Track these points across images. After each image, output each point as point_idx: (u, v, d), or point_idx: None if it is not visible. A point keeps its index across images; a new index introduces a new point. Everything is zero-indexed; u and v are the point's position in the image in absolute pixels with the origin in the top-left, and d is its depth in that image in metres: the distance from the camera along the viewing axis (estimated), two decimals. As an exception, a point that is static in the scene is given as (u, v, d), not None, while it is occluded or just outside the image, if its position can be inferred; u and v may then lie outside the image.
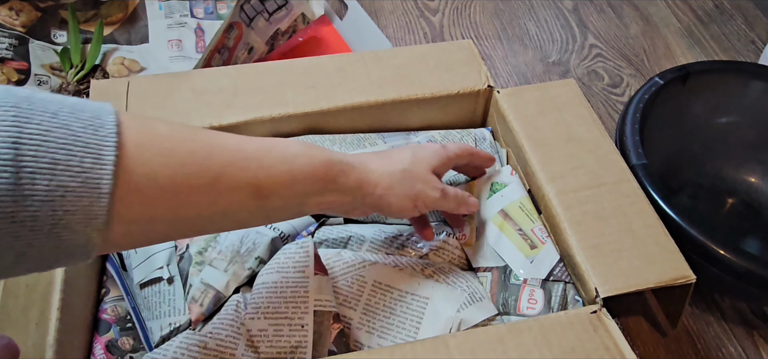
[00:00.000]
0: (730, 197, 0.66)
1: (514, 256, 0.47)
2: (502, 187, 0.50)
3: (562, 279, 0.45)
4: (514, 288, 0.45)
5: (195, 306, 0.44)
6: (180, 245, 0.46)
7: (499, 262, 0.47)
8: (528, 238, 0.47)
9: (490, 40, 0.87)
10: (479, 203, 0.49)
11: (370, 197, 0.40)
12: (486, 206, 0.50)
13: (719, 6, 0.95)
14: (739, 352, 0.56)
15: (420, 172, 0.43)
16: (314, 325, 0.42)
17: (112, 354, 0.43)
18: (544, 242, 0.47)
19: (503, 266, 0.47)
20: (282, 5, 0.73)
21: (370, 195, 0.40)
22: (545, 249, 0.47)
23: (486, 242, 0.48)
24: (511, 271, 0.46)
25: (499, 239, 0.48)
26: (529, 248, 0.47)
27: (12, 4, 0.67)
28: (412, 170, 0.42)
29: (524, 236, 0.47)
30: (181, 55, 0.71)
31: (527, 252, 0.47)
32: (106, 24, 0.71)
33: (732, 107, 0.65)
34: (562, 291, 0.45)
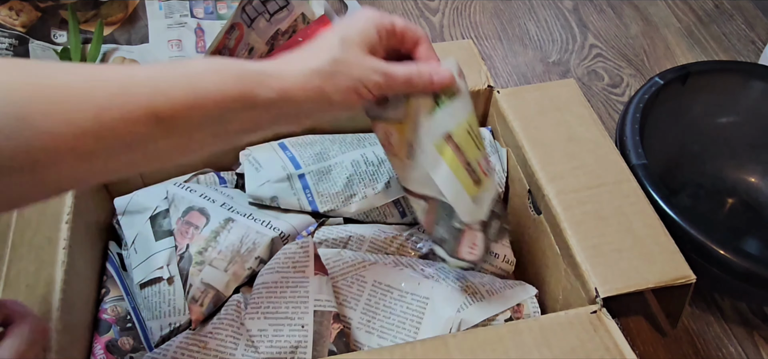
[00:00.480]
0: (730, 197, 0.66)
1: (459, 196, 0.40)
2: (449, 101, 0.40)
3: (498, 215, 0.43)
4: (455, 231, 0.41)
5: (195, 306, 0.44)
6: (180, 245, 0.46)
7: (438, 195, 0.41)
8: (474, 172, 0.41)
9: (490, 40, 0.87)
10: (418, 120, 0.40)
11: (303, 103, 0.35)
12: (427, 124, 0.40)
13: (719, 6, 0.95)
14: (739, 352, 0.56)
15: (354, 58, 0.37)
16: (314, 325, 0.42)
17: (112, 354, 0.43)
18: (487, 174, 0.42)
19: (443, 202, 0.41)
20: (283, 6, 0.73)
21: (303, 101, 0.35)
22: (487, 184, 0.42)
23: (421, 165, 0.41)
24: (454, 213, 0.41)
25: (439, 168, 0.40)
26: (473, 185, 0.41)
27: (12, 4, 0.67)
28: (343, 57, 0.36)
29: (470, 171, 0.41)
30: (181, 55, 0.71)
31: (472, 190, 0.41)
32: (106, 24, 0.71)
33: (732, 107, 0.65)
34: (498, 228, 0.43)
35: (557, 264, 0.48)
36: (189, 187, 0.49)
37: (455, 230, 0.41)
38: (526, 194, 0.52)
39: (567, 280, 0.46)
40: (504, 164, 0.55)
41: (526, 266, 0.54)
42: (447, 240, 0.42)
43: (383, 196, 0.51)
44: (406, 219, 0.52)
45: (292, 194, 0.50)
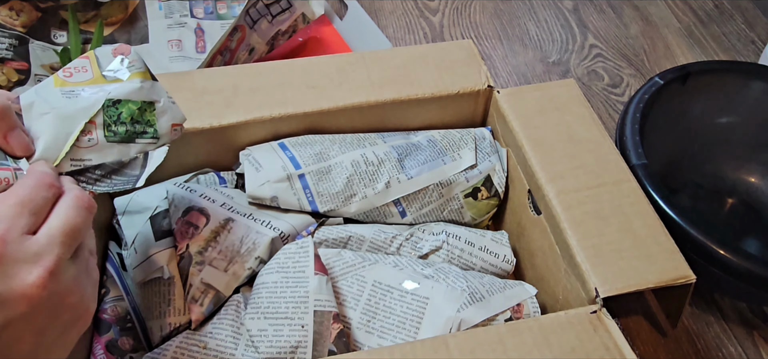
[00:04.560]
0: (730, 197, 0.66)
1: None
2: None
3: None
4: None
5: (195, 306, 0.44)
6: (180, 245, 0.46)
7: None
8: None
9: (490, 40, 0.87)
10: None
11: None
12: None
13: (719, 6, 0.94)
14: (739, 352, 0.56)
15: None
16: (314, 325, 0.42)
17: (112, 354, 0.43)
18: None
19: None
20: (286, 8, 0.73)
21: None
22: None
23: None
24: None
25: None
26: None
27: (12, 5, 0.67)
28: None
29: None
30: (181, 56, 0.71)
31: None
32: (106, 24, 0.71)
33: (732, 107, 0.65)
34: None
35: (557, 264, 0.48)
36: (189, 187, 0.50)
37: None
38: (526, 194, 0.52)
39: (567, 280, 0.46)
40: (504, 164, 0.55)
41: (526, 266, 0.54)
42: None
43: (383, 196, 0.51)
44: (406, 219, 0.52)
45: (292, 194, 0.50)
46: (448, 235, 0.51)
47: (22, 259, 0.30)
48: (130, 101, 0.40)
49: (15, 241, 0.30)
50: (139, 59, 0.41)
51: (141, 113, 0.40)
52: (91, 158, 0.38)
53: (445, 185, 0.53)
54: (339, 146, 0.53)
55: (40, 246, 0.30)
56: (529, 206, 0.52)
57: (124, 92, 0.40)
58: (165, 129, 0.41)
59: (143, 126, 0.40)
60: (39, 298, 0.30)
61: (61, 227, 0.32)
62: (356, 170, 0.51)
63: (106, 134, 0.38)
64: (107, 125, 0.39)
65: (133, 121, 0.40)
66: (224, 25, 0.74)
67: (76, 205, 0.33)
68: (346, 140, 0.53)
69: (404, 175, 0.52)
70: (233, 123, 0.51)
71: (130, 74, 0.40)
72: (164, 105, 0.41)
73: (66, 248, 0.31)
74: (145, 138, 0.40)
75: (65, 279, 0.31)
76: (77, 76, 0.40)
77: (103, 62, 0.41)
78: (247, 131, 0.52)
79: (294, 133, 0.54)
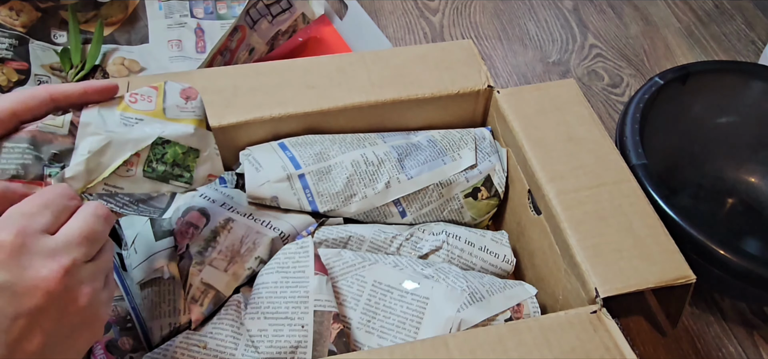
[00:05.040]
0: (730, 197, 0.66)
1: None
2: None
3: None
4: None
5: (195, 306, 0.44)
6: (180, 245, 0.46)
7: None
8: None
9: (490, 40, 0.87)
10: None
11: None
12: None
13: (719, 6, 0.95)
14: (739, 352, 0.56)
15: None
16: (314, 325, 0.42)
17: (112, 354, 0.43)
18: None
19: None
20: (286, 9, 0.73)
21: None
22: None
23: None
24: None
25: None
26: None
27: (12, 4, 0.67)
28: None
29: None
30: (181, 56, 0.71)
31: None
32: (106, 24, 0.71)
33: (732, 107, 0.65)
34: None
35: (557, 264, 0.48)
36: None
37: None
38: (526, 194, 0.52)
39: (567, 280, 0.46)
40: (504, 164, 0.55)
41: (526, 266, 0.54)
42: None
43: (383, 196, 0.51)
44: (406, 219, 0.52)
45: (292, 194, 0.50)
46: (448, 235, 0.51)
47: (38, 253, 0.30)
48: (178, 145, 0.41)
49: (33, 235, 0.31)
50: (201, 106, 0.43)
51: (184, 157, 0.41)
52: (123, 186, 0.39)
53: (445, 185, 0.53)
54: (339, 146, 0.53)
55: (56, 244, 0.31)
56: (529, 206, 0.52)
57: (176, 134, 0.41)
58: (201, 177, 0.42)
59: (181, 170, 0.41)
60: (51, 293, 0.30)
61: (80, 230, 0.32)
62: (356, 170, 0.51)
63: (145, 169, 0.40)
64: (149, 160, 0.40)
65: (173, 163, 0.41)
66: (224, 25, 0.74)
67: (95, 213, 0.34)
68: (346, 140, 0.53)
69: (404, 175, 0.52)
70: (233, 123, 0.51)
71: (188, 119, 0.42)
72: (208, 155, 0.43)
73: (82, 250, 0.32)
74: (179, 182, 0.41)
75: (78, 281, 0.32)
76: (141, 104, 0.41)
77: (168, 97, 0.42)
78: (247, 131, 0.52)
79: (294, 133, 0.54)
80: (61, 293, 0.30)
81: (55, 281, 0.30)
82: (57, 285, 0.30)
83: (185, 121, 0.42)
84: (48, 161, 0.37)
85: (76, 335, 0.32)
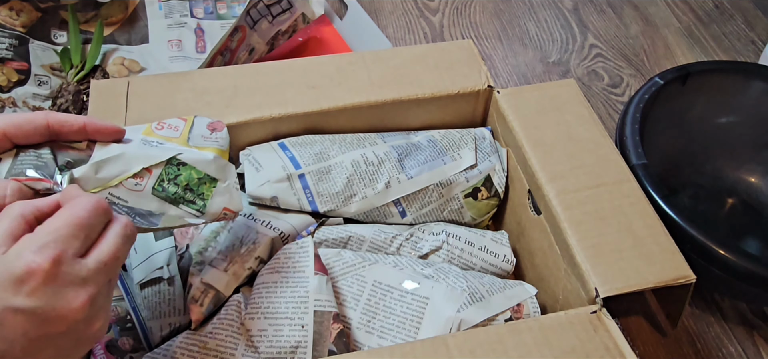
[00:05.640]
0: (730, 197, 0.66)
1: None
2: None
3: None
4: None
5: (195, 306, 0.44)
6: (180, 245, 0.46)
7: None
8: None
9: (490, 40, 0.87)
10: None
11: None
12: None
13: (719, 6, 0.95)
14: (739, 352, 0.56)
15: None
16: (314, 325, 0.42)
17: (112, 354, 0.43)
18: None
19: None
20: (287, 9, 0.73)
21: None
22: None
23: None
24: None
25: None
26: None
27: (12, 4, 0.67)
28: None
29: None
30: (181, 56, 0.71)
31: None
32: (106, 24, 0.71)
33: (732, 107, 0.65)
34: None
35: (557, 264, 0.48)
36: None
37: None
38: (526, 194, 0.52)
39: (567, 280, 0.46)
40: (504, 164, 0.55)
41: (526, 266, 0.54)
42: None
43: (383, 196, 0.51)
44: (406, 219, 0.52)
45: (292, 194, 0.50)
46: (448, 235, 0.51)
47: (70, 283, 0.30)
48: (195, 169, 0.39)
49: (68, 262, 0.30)
50: (225, 138, 0.41)
51: (199, 183, 0.39)
52: (128, 200, 0.37)
53: (445, 185, 0.53)
54: (339, 146, 0.53)
55: (88, 272, 0.31)
56: (529, 206, 0.52)
57: (193, 158, 0.39)
58: (215, 209, 0.40)
59: (194, 196, 0.39)
60: (75, 322, 0.30)
61: (110, 255, 0.32)
62: (356, 170, 0.51)
63: (155, 187, 0.38)
64: (161, 179, 0.38)
65: (186, 187, 0.39)
66: (224, 25, 0.74)
67: (124, 234, 0.33)
68: (346, 140, 0.53)
69: (404, 175, 0.52)
70: (233, 123, 0.51)
71: (210, 147, 0.40)
72: (227, 187, 0.40)
73: (108, 277, 0.32)
74: (190, 207, 0.39)
75: (97, 307, 0.32)
76: (167, 131, 0.41)
77: (195, 129, 0.41)
78: (247, 131, 0.52)
79: (294, 133, 0.54)
80: (82, 321, 0.31)
81: (81, 312, 0.30)
82: (81, 315, 0.30)
83: (206, 148, 0.40)
84: (61, 167, 0.36)
85: (79, 349, 0.32)
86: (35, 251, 0.29)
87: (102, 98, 0.52)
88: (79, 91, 0.65)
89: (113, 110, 0.51)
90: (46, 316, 0.29)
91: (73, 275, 0.30)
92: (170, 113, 0.51)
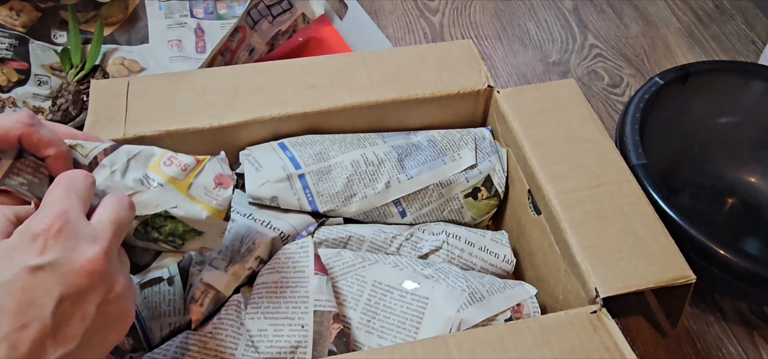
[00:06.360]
0: (730, 197, 0.66)
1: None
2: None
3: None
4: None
5: (195, 306, 0.44)
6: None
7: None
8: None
9: (490, 40, 0.87)
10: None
11: None
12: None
13: (719, 6, 0.94)
14: (739, 352, 0.56)
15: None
16: (314, 325, 0.42)
17: (112, 353, 0.43)
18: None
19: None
20: (287, 9, 0.73)
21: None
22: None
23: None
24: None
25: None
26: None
27: (12, 5, 0.67)
28: None
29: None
30: (181, 56, 0.71)
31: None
32: (106, 24, 0.71)
33: (732, 107, 0.65)
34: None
35: (557, 264, 0.48)
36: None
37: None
38: (526, 194, 0.52)
39: (567, 280, 0.46)
40: (504, 164, 0.55)
41: (526, 266, 0.54)
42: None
43: (383, 196, 0.51)
44: (406, 219, 0.52)
45: (292, 194, 0.50)
46: (448, 235, 0.51)
47: (81, 235, 0.31)
48: (182, 223, 0.38)
49: (74, 218, 0.31)
50: (227, 198, 0.39)
51: (183, 233, 0.39)
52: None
53: (445, 185, 0.53)
54: (339, 146, 0.53)
55: (94, 229, 0.32)
56: (529, 206, 0.52)
57: (184, 213, 0.38)
58: (191, 249, 0.40)
59: (175, 239, 0.39)
60: (94, 275, 0.30)
61: (111, 217, 0.33)
62: (356, 170, 0.51)
63: (138, 230, 0.37)
64: (145, 224, 0.37)
65: (170, 235, 0.38)
66: (224, 25, 0.74)
67: (121, 202, 0.34)
68: (346, 140, 0.53)
69: (404, 175, 0.52)
70: (233, 123, 0.51)
71: (207, 204, 0.39)
72: (210, 238, 0.40)
73: (115, 238, 0.32)
74: (167, 245, 0.39)
75: (116, 268, 0.32)
76: (174, 169, 0.39)
77: (202, 176, 0.39)
78: (247, 131, 0.52)
79: (294, 133, 0.54)
80: (102, 276, 0.31)
81: (98, 263, 0.30)
82: (100, 267, 0.30)
83: (203, 205, 0.39)
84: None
85: (110, 328, 0.32)
86: (43, 216, 0.30)
87: (102, 97, 0.52)
88: (79, 91, 0.65)
89: (113, 110, 0.51)
90: (63, 268, 0.29)
91: (81, 228, 0.31)
92: (170, 113, 0.51)
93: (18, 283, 0.28)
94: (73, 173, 0.33)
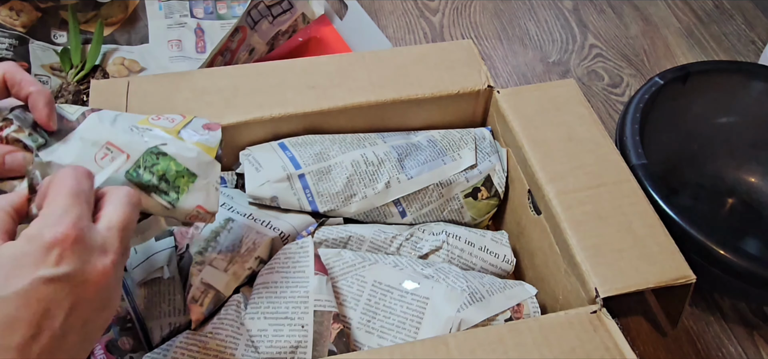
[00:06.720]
0: (730, 197, 0.66)
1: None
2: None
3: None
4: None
5: (195, 306, 0.44)
6: (180, 245, 0.46)
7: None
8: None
9: (490, 40, 0.87)
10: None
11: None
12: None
13: (719, 6, 0.95)
14: (739, 352, 0.56)
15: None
16: (314, 325, 0.42)
17: (112, 354, 0.43)
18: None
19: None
20: (287, 9, 0.73)
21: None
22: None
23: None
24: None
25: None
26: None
27: (12, 5, 0.67)
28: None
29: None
30: (181, 56, 0.71)
31: None
32: (106, 24, 0.71)
33: (732, 107, 0.65)
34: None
35: (557, 264, 0.48)
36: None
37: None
38: (526, 194, 0.52)
39: (567, 280, 0.46)
40: (504, 164, 0.55)
41: (526, 266, 0.54)
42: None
43: (383, 196, 0.51)
44: (406, 219, 0.52)
45: (292, 194, 0.50)
46: (448, 235, 0.51)
47: (93, 247, 0.30)
48: (174, 161, 0.37)
49: (87, 227, 0.30)
50: (216, 139, 0.40)
51: (176, 175, 0.37)
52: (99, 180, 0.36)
53: (445, 185, 0.53)
54: (339, 146, 0.53)
55: (104, 237, 0.31)
56: (529, 206, 0.52)
57: (176, 150, 0.37)
58: (188, 205, 0.38)
59: (169, 187, 0.37)
60: (101, 288, 0.30)
61: (120, 221, 0.32)
62: (356, 170, 0.51)
63: (130, 172, 0.36)
64: (137, 165, 0.36)
65: (162, 177, 0.37)
66: (224, 25, 0.74)
67: (129, 201, 0.33)
68: (346, 140, 0.53)
69: (404, 175, 0.52)
70: (233, 123, 0.51)
71: (197, 142, 0.39)
72: (205, 185, 0.38)
73: (124, 243, 0.32)
74: (162, 198, 0.37)
75: (118, 276, 0.32)
76: (162, 121, 0.39)
77: (191, 125, 0.40)
78: (247, 131, 0.52)
79: (294, 133, 0.54)
80: (109, 287, 0.30)
81: (109, 276, 0.30)
82: (110, 281, 0.30)
83: (193, 142, 0.39)
84: (34, 130, 0.36)
85: (99, 329, 0.32)
86: (54, 223, 0.29)
87: (102, 98, 0.52)
88: (79, 91, 0.65)
89: (113, 109, 0.51)
90: (77, 281, 0.29)
91: (93, 238, 0.30)
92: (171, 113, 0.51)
93: (33, 294, 0.28)
94: (76, 175, 0.32)
